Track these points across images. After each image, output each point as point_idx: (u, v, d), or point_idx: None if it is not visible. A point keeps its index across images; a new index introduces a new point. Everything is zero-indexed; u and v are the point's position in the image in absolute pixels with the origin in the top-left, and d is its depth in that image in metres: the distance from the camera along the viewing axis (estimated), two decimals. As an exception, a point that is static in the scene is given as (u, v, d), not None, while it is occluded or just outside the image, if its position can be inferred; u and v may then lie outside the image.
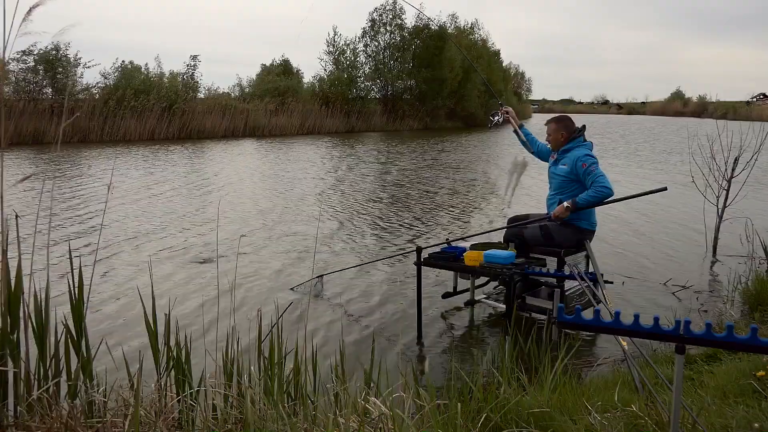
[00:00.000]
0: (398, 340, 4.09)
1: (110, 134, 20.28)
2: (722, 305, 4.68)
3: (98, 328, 4.10)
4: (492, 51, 43.93)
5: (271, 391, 2.35)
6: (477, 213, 8.98)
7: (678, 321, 1.83)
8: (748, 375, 2.79)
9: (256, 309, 4.22)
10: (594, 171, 4.19)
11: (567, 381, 2.63)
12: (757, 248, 5.68)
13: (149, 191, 10.17)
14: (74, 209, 8.40)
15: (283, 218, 8.21)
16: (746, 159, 6.39)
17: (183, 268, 5.66)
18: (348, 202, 9.65)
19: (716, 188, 6.46)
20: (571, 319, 1.93)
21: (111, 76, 22.22)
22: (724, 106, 49.71)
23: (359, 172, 13.65)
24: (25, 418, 2.22)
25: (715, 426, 2.29)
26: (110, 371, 2.55)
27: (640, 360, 3.20)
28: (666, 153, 19.90)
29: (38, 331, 2.33)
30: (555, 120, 4.52)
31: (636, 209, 8.71)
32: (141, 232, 7.14)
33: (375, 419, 2.13)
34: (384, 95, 34.34)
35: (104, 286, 5.05)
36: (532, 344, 2.95)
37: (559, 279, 3.98)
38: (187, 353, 2.43)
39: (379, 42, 34.82)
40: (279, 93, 27.43)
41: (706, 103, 59.58)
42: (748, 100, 45.37)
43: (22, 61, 19.77)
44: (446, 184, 12.05)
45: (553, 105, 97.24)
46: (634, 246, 6.85)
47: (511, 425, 2.26)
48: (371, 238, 7.15)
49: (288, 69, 31.68)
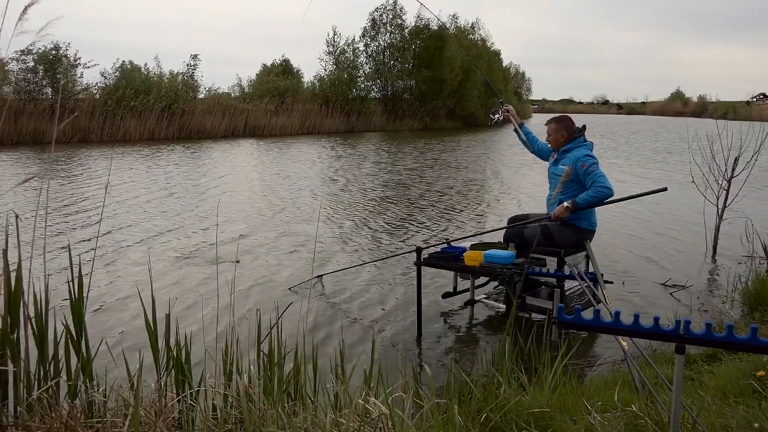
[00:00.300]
0: (398, 340, 4.09)
1: (110, 134, 20.29)
2: (722, 305, 4.68)
3: (98, 328, 4.10)
4: (492, 51, 43.95)
5: (271, 391, 2.35)
6: (477, 213, 8.98)
7: (678, 321, 1.83)
8: (748, 375, 2.79)
9: (255, 309, 4.23)
10: (594, 171, 4.18)
11: (567, 381, 2.63)
12: (757, 248, 5.69)
13: (149, 191, 10.17)
14: (74, 209, 8.40)
15: (283, 218, 8.21)
16: (746, 159, 6.39)
17: (183, 268, 5.66)
18: (348, 202, 9.65)
19: (716, 188, 6.45)
20: (571, 319, 1.93)
21: (111, 77, 22.25)
22: (724, 106, 49.71)
23: (359, 172, 13.65)
24: (25, 418, 2.22)
25: (715, 426, 2.29)
26: (110, 371, 2.55)
27: (640, 360, 3.20)
28: (666, 153, 19.90)
29: (38, 331, 2.32)
30: (555, 120, 4.52)
31: (636, 209, 8.71)
32: (141, 231, 7.14)
33: (375, 419, 2.13)
34: (384, 95, 34.34)
35: (104, 286, 5.05)
36: (532, 344, 2.95)
37: (559, 279, 3.98)
38: (187, 353, 2.43)
39: (379, 42, 34.83)
40: (279, 93, 27.43)
41: (706, 103, 59.57)
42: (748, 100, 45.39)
43: (21, 61, 19.80)
44: (446, 184, 12.05)
45: (553, 105, 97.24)
46: (634, 246, 6.85)
47: (511, 425, 2.26)
48: (371, 238, 7.15)
49: (288, 69, 31.67)
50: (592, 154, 4.31)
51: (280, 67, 31.51)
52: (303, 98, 28.39)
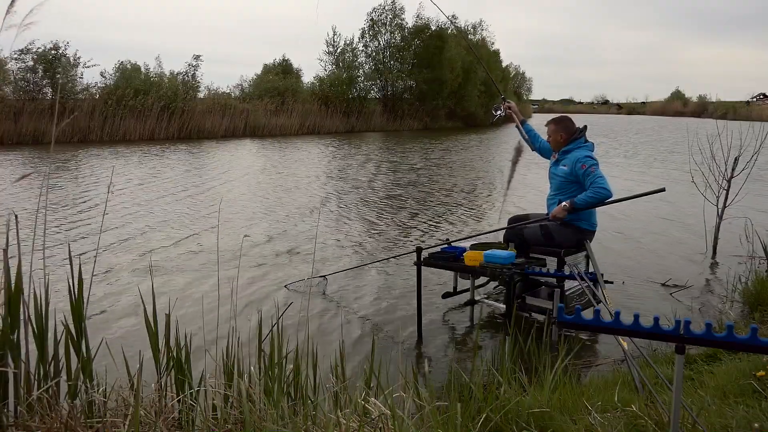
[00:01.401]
0: (398, 340, 4.09)
1: (110, 134, 20.28)
2: (722, 305, 4.68)
3: (98, 328, 4.10)
4: (492, 51, 43.93)
5: (271, 391, 2.35)
6: (477, 213, 8.98)
7: (678, 321, 1.83)
8: (748, 375, 2.79)
9: (256, 309, 4.23)
10: (593, 172, 4.18)
11: (567, 381, 2.63)
12: (757, 248, 5.69)
13: (149, 191, 10.17)
14: (74, 209, 8.39)
15: (283, 218, 8.20)
16: (746, 159, 6.39)
17: (183, 268, 5.66)
18: (348, 202, 9.64)
19: (716, 188, 6.45)
20: (571, 319, 1.93)
21: (111, 77, 22.24)
22: (724, 106, 49.72)
23: (359, 172, 13.65)
24: (25, 418, 2.22)
25: (715, 426, 2.29)
26: (110, 371, 2.55)
27: (640, 360, 3.20)
28: (666, 153, 19.90)
29: (38, 331, 2.32)
30: (554, 121, 4.52)
31: (636, 209, 8.71)
32: (141, 231, 7.14)
33: (375, 419, 2.13)
34: (384, 95, 34.33)
35: (104, 286, 5.05)
36: (532, 344, 2.95)
37: (559, 279, 3.98)
38: (187, 353, 2.43)
39: (379, 42, 34.83)
40: (278, 93, 27.42)
41: (706, 103, 59.59)
42: (748, 100, 45.39)
43: (21, 60, 19.78)
44: (447, 183, 12.05)
45: (553, 105, 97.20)
46: (634, 246, 6.85)
47: (511, 425, 2.26)
48: (372, 238, 7.14)
49: (288, 69, 31.66)
50: (593, 155, 4.31)
51: (280, 67, 31.51)
52: (303, 98, 28.38)
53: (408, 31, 34.72)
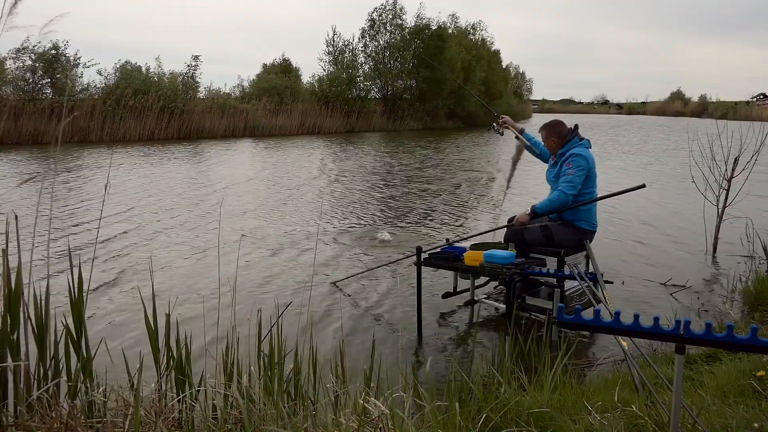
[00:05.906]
0: (398, 340, 4.08)
1: (110, 134, 20.26)
2: (722, 305, 4.68)
3: (98, 328, 4.10)
4: (492, 51, 43.93)
5: (271, 391, 2.35)
6: (477, 213, 8.98)
7: (678, 321, 1.83)
8: (748, 375, 2.79)
9: (256, 309, 4.22)
10: (567, 174, 4.21)
11: (567, 381, 2.63)
12: (757, 248, 5.69)
13: (149, 191, 10.17)
14: (74, 209, 8.39)
15: (284, 218, 8.20)
16: (746, 159, 6.39)
17: (183, 268, 5.66)
18: (349, 202, 9.64)
19: (716, 188, 6.46)
20: (571, 319, 1.93)
21: (111, 77, 22.22)
22: (724, 106, 49.73)
23: (359, 172, 13.65)
24: (25, 418, 2.22)
25: (715, 426, 2.29)
26: (110, 371, 2.55)
27: (640, 360, 3.20)
28: (667, 152, 19.90)
29: (38, 331, 2.32)
30: (545, 127, 4.55)
31: (636, 209, 8.72)
32: (141, 231, 7.14)
33: (375, 419, 2.13)
34: (384, 95, 34.30)
35: (104, 285, 5.05)
36: (532, 344, 2.95)
37: (559, 279, 3.98)
38: (187, 353, 2.43)
39: (378, 42, 34.80)
40: (277, 92, 27.40)
41: (706, 103, 59.58)
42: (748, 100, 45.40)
43: (20, 60, 19.76)
44: (446, 184, 12.05)
45: (553, 105, 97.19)
46: (634, 246, 6.85)
47: (511, 425, 2.26)
48: (372, 237, 7.14)
49: (288, 68, 31.64)
50: (585, 154, 4.30)
51: (279, 67, 31.49)
52: (302, 98, 28.36)
53: (408, 31, 34.67)
